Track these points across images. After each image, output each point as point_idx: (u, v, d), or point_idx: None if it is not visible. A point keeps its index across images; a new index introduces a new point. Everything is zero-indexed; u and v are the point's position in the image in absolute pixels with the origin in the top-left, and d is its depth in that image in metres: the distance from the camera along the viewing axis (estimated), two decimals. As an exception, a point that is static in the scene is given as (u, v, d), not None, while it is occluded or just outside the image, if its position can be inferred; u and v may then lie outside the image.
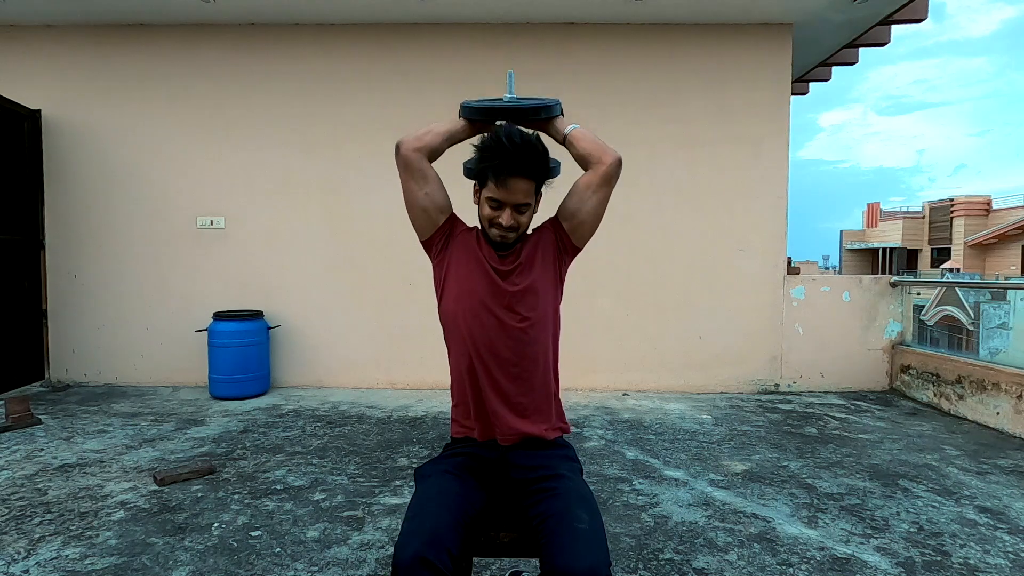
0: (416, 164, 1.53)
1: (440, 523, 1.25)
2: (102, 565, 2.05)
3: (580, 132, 1.59)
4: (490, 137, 1.47)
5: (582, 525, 1.27)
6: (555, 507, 1.32)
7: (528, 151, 1.43)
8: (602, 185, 1.55)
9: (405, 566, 1.15)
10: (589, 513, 1.31)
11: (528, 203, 1.48)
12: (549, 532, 1.27)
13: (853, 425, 3.80)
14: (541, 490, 1.39)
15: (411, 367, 4.68)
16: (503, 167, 1.42)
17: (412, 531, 1.22)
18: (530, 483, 1.42)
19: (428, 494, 1.36)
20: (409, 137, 1.54)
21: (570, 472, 1.45)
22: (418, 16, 4.50)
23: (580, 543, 1.23)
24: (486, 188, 1.47)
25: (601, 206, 1.58)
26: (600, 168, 1.54)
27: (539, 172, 1.47)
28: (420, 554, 1.16)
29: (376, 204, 4.60)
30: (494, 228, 1.49)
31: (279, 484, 2.76)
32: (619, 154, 1.56)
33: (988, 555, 2.18)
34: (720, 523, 2.40)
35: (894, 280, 4.74)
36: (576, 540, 1.24)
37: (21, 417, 3.59)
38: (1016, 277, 19.24)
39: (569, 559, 1.20)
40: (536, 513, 1.34)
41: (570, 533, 1.26)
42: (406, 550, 1.17)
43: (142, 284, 4.74)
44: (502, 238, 1.50)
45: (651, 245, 4.67)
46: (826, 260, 31.19)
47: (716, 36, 4.59)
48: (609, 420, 3.87)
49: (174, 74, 4.68)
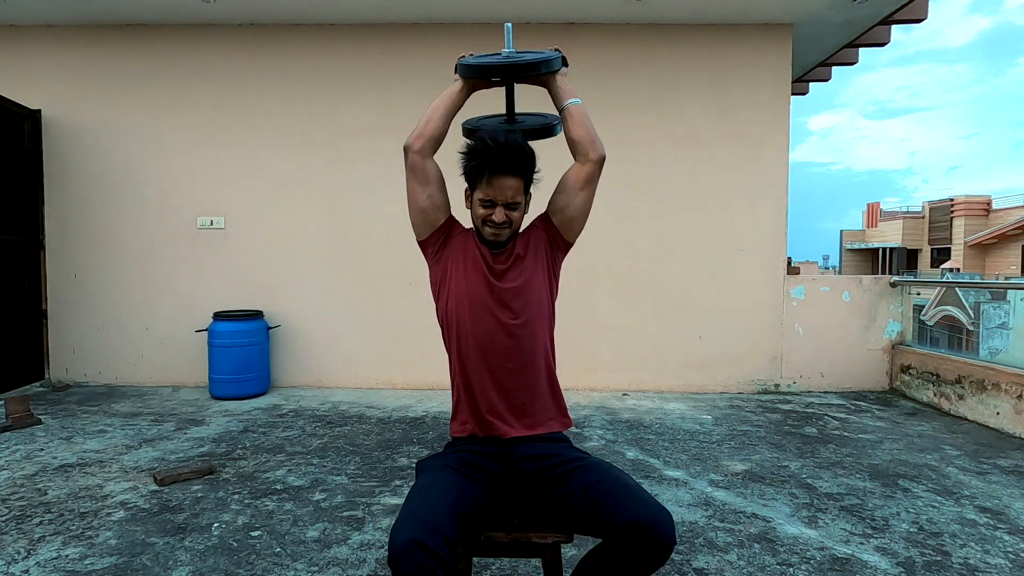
0: (420, 166, 1.56)
1: (436, 509, 1.25)
2: (102, 565, 2.05)
3: (577, 111, 1.59)
4: (475, 140, 1.51)
5: (629, 482, 1.36)
6: (593, 477, 1.38)
7: (513, 149, 1.47)
8: (588, 182, 1.58)
9: (400, 550, 1.15)
10: (628, 476, 1.39)
11: (518, 201, 1.51)
12: (600, 495, 1.32)
13: (853, 425, 3.80)
14: (567, 471, 1.42)
15: (411, 367, 4.68)
16: (490, 166, 1.46)
17: (406, 517, 1.22)
18: (547, 469, 1.44)
19: (425, 484, 1.37)
20: (413, 136, 1.57)
21: (583, 453, 1.50)
22: (418, 16, 4.50)
23: (634, 495, 1.30)
24: (477, 190, 1.51)
25: (588, 202, 1.61)
26: (585, 165, 1.57)
27: (526, 169, 1.51)
28: (415, 537, 1.15)
29: (376, 204, 4.60)
30: (487, 227, 1.52)
31: (279, 484, 2.76)
32: (604, 152, 1.58)
33: (988, 555, 2.18)
34: (720, 523, 2.40)
35: (894, 280, 4.74)
36: (631, 493, 1.31)
37: (21, 417, 3.59)
38: (1016, 277, 19.24)
39: (635, 506, 1.26)
40: (572, 489, 1.37)
41: (622, 488, 1.32)
42: (401, 535, 1.17)
43: (142, 284, 4.74)
44: (495, 236, 1.53)
45: (651, 245, 4.67)
46: (826, 260, 31.18)
47: (716, 36, 4.59)
48: (609, 420, 3.87)
49: (174, 74, 4.68)
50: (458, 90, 1.61)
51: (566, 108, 1.59)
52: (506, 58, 1.61)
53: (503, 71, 1.59)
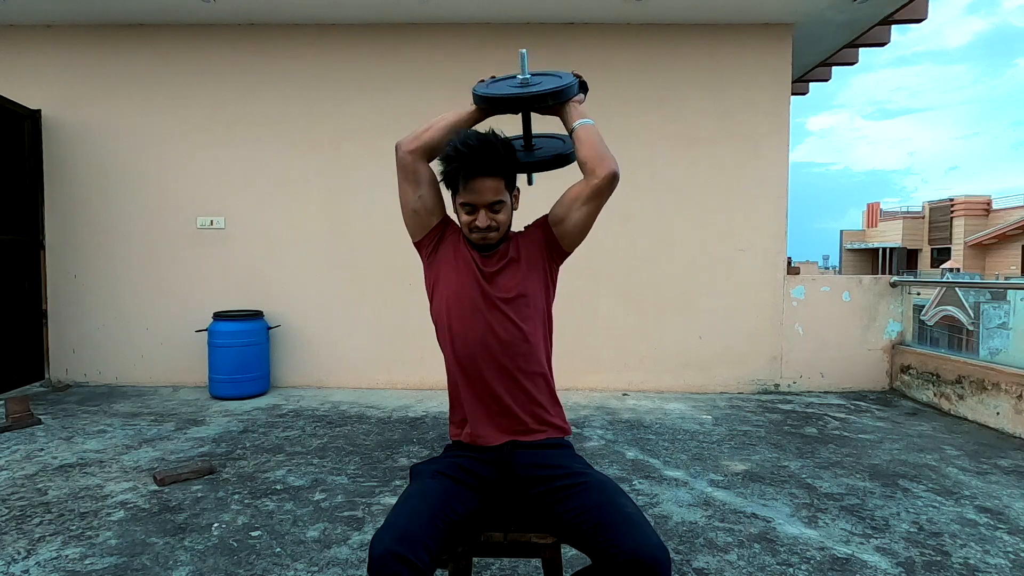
0: (410, 167, 1.54)
1: (416, 520, 1.24)
2: (102, 565, 2.05)
3: (585, 133, 1.52)
4: (448, 145, 1.47)
5: (631, 510, 1.30)
6: (594, 499, 1.34)
7: (486, 149, 1.43)
8: (591, 199, 1.50)
9: (377, 560, 1.15)
10: (630, 501, 1.34)
11: (500, 200, 1.47)
12: (600, 521, 1.28)
13: (853, 425, 3.80)
14: (568, 486, 1.38)
15: (411, 367, 4.68)
16: (464, 170, 1.43)
17: (386, 528, 1.21)
18: (546, 481, 1.41)
19: (413, 492, 1.36)
20: (407, 137, 1.55)
21: (586, 467, 1.46)
22: (418, 16, 4.50)
23: (636, 527, 1.25)
24: (458, 195, 1.48)
25: (589, 219, 1.54)
26: (592, 181, 1.48)
27: (502, 168, 1.46)
28: (391, 549, 1.15)
29: (376, 204, 4.60)
30: (473, 232, 1.49)
31: (279, 484, 2.76)
32: (615, 168, 1.48)
33: (988, 555, 2.18)
34: (720, 523, 2.40)
35: (894, 280, 4.74)
36: (632, 525, 1.26)
37: (21, 417, 3.59)
38: (1016, 277, 19.24)
39: (635, 540, 1.22)
40: (571, 507, 1.34)
41: (624, 518, 1.28)
42: (379, 546, 1.17)
43: (142, 284, 4.74)
44: (483, 240, 1.50)
45: (651, 245, 4.67)
46: (826, 260, 31.20)
47: (716, 36, 4.59)
48: (609, 420, 3.87)
49: (174, 74, 4.68)
50: (468, 113, 1.59)
51: (575, 131, 1.54)
52: (520, 85, 1.57)
53: (512, 104, 1.56)
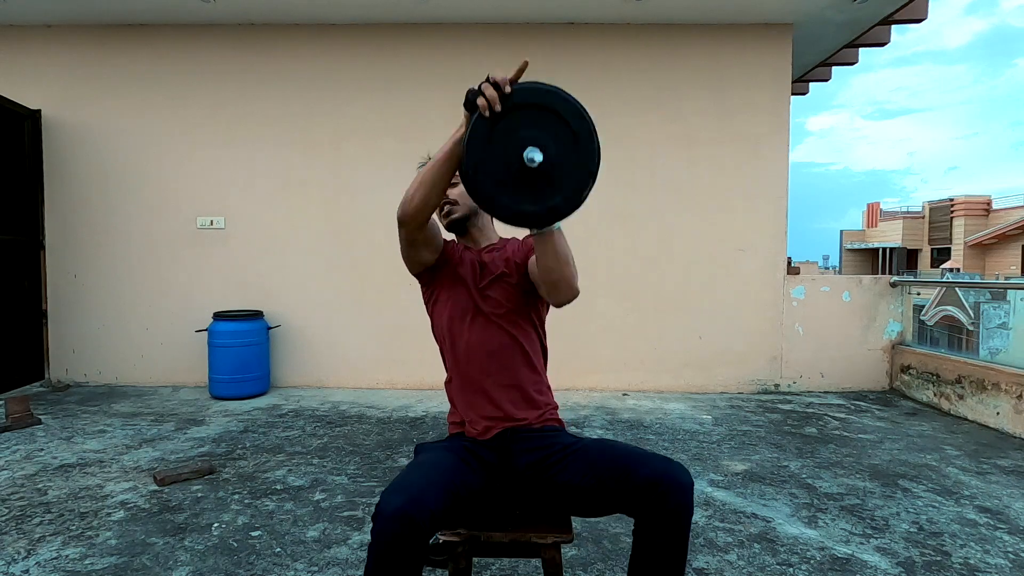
0: (419, 240, 1.50)
1: (426, 484, 1.25)
2: (102, 565, 2.05)
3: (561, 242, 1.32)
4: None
5: (634, 448, 1.38)
6: (595, 456, 1.39)
7: None
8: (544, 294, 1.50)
9: (388, 516, 1.16)
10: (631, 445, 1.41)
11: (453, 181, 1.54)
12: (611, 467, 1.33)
13: (853, 425, 3.80)
14: (567, 455, 1.43)
15: (411, 367, 4.68)
16: None
17: (398, 488, 1.22)
18: (544, 459, 1.45)
19: (423, 460, 1.39)
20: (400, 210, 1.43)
21: (579, 437, 1.52)
22: (418, 16, 4.50)
23: (646, 456, 1.32)
24: None
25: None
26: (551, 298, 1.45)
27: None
28: (403, 509, 1.16)
29: (376, 204, 4.59)
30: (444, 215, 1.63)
31: (279, 484, 2.76)
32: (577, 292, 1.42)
33: (988, 555, 2.18)
34: (720, 523, 2.40)
35: (894, 280, 4.74)
36: (646, 455, 1.33)
37: (21, 417, 3.59)
38: (1016, 277, 19.24)
39: (656, 464, 1.28)
40: (574, 473, 1.38)
41: (632, 455, 1.34)
42: (390, 504, 1.17)
43: (142, 284, 4.74)
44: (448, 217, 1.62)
45: (651, 245, 4.67)
46: (826, 260, 31.20)
47: (716, 36, 4.59)
48: (609, 420, 3.87)
49: (174, 74, 4.68)
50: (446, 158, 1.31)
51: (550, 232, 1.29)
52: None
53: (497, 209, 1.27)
